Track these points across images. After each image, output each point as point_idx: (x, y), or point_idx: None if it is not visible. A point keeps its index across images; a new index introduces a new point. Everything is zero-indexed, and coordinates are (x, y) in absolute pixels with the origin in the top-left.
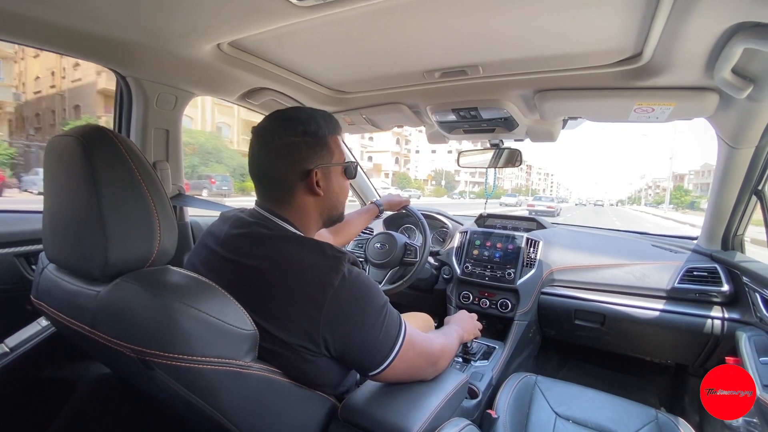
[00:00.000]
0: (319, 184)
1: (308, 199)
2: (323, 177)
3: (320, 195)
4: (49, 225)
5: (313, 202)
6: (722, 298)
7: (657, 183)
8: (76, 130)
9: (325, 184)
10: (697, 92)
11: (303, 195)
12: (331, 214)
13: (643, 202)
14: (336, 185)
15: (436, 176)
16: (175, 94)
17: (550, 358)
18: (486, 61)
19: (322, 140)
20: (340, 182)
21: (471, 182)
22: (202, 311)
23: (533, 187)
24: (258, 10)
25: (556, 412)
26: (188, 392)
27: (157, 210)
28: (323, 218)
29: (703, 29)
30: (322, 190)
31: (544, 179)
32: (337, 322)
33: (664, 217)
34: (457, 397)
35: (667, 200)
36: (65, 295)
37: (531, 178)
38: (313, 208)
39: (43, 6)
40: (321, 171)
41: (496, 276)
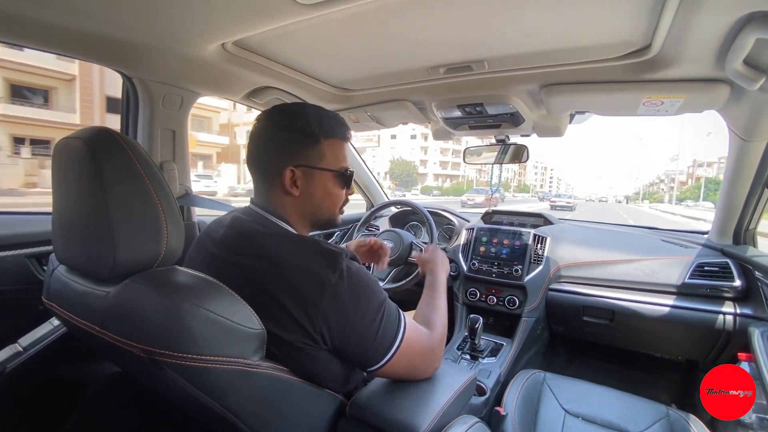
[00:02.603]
0: (297, 184)
1: (284, 197)
2: (303, 177)
3: (294, 195)
4: (58, 227)
5: (289, 201)
6: (734, 293)
7: (670, 176)
8: (84, 132)
9: (305, 185)
10: (707, 84)
11: (279, 192)
12: (314, 218)
13: (668, 199)
14: (319, 189)
15: (392, 168)
16: (181, 94)
17: (559, 355)
18: (491, 57)
19: (311, 139)
20: (327, 187)
21: (442, 175)
22: (210, 311)
23: (529, 183)
24: (262, 9)
25: (565, 409)
26: (197, 391)
27: (164, 211)
28: (307, 220)
29: (714, 20)
30: (299, 190)
31: (542, 173)
32: (335, 317)
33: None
34: (465, 395)
35: (701, 196)
36: (75, 295)
37: (525, 172)
38: (290, 207)
39: (49, 9)
40: (302, 171)
41: (503, 273)
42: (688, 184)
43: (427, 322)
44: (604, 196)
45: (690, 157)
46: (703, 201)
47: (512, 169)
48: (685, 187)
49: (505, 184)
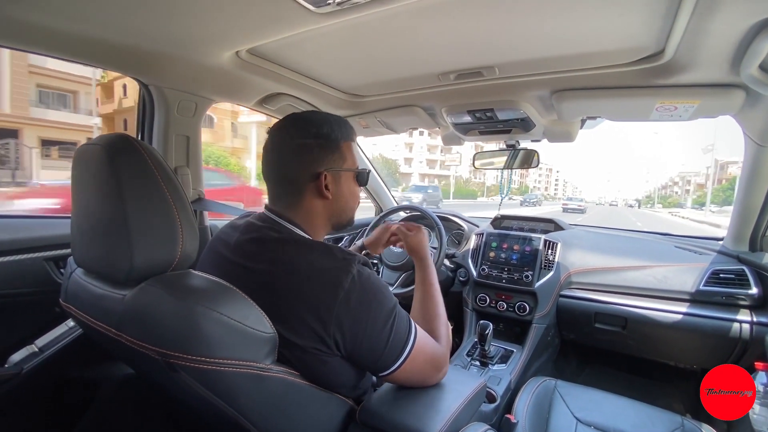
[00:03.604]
0: (328, 188)
1: (317, 201)
2: (333, 181)
3: (329, 198)
4: (77, 231)
5: (321, 206)
6: (750, 301)
7: (685, 177)
8: (102, 138)
9: (335, 188)
10: (722, 89)
11: (312, 197)
12: (339, 219)
13: (710, 204)
14: (346, 190)
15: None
16: (195, 101)
17: (569, 362)
18: (502, 62)
19: (335, 144)
20: (351, 188)
21: (429, 175)
22: (224, 314)
23: (531, 185)
24: (276, 17)
25: (576, 417)
26: (210, 394)
27: (180, 215)
28: (331, 222)
29: (729, 25)
30: (331, 193)
31: (546, 175)
32: (348, 323)
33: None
34: (475, 401)
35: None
36: (93, 298)
37: (527, 173)
38: (321, 211)
39: (71, 20)
40: (331, 174)
41: (514, 278)
42: (707, 186)
43: (430, 324)
44: (614, 200)
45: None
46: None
47: (515, 171)
48: (718, 186)
49: (498, 187)
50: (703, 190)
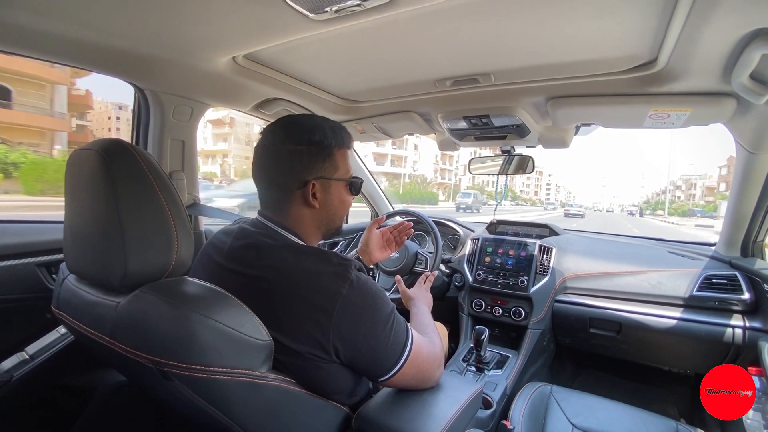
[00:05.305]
0: (316, 196)
1: (304, 210)
2: (322, 189)
3: (315, 207)
4: (69, 236)
5: (309, 214)
6: (743, 306)
7: (690, 180)
8: (97, 143)
9: (324, 197)
10: (714, 98)
11: (299, 205)
12: (329, 227)
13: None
14: (336, 199)
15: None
16: (191, 105)
17: (565, 368)
18: (498, 69)
19: (327, 151)
20: (342, 196)
21: (389, 174)
22: (219, 322)
23: (518, 190)
24: (274, 24)
25: (572, 423)
26: (204, 402)
27: (175, 221)
28: (321, 230)
29: (720, 35)
30: (318, 202)
31: (536, 179)
32: (347, 329)
33: None
34: (471, 407)
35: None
36: (85, 305)
37: (514, 177)
38: (308, 219)
39: (67, 24)
40: (320, 183)
41: (509, 283)
42: (719, 189)
43: (422, 333)
44: (610, 206)
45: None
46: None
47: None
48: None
49: (480, 188)
50: (714, 194)
